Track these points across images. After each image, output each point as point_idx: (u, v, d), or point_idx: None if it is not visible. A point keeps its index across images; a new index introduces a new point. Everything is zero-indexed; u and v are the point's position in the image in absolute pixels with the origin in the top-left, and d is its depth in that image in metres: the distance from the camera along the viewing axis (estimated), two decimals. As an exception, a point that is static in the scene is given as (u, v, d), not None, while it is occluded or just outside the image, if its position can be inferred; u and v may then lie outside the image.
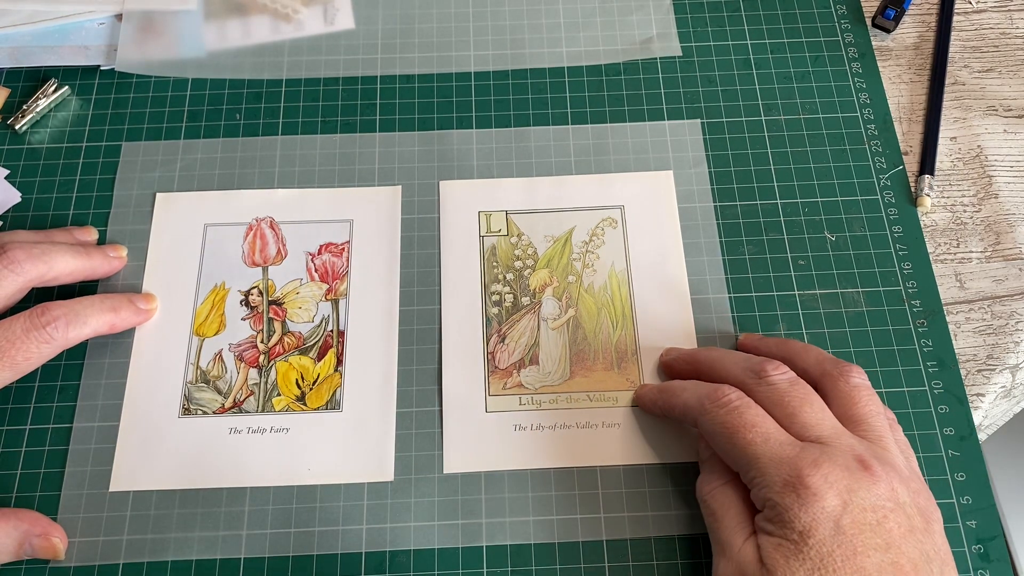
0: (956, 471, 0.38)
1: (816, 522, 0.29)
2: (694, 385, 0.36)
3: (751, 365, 0.35)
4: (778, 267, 0.42)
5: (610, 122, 0.46)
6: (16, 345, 0.35)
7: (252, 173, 0.45)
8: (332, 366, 0.40)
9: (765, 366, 0.34)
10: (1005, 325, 0.42)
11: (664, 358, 0.40)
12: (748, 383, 0.34)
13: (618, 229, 0.43)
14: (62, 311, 0.36)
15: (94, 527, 0.37)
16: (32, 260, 0.37)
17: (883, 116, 0.46)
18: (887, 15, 0.49)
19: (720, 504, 0.33)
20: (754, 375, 0.34)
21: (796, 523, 0.29)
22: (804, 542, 0.29)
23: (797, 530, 0.29)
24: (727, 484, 0.34)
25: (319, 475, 0.38)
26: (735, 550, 0.31)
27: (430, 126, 0.46)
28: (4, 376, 0.35)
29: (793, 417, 0.32)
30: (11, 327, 0.35)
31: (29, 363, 0.35)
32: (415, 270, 0.42)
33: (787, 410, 0.33)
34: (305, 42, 0.49)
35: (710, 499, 0.34)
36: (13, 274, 0.36)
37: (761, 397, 0.34)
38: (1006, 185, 0.45)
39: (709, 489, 0.34)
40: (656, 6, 0.50)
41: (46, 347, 0.35)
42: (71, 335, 0.36)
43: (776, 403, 0.33)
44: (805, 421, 0.32)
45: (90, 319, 0.37)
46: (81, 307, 0.37)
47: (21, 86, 0.47)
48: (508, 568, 0.36)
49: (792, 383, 0.34)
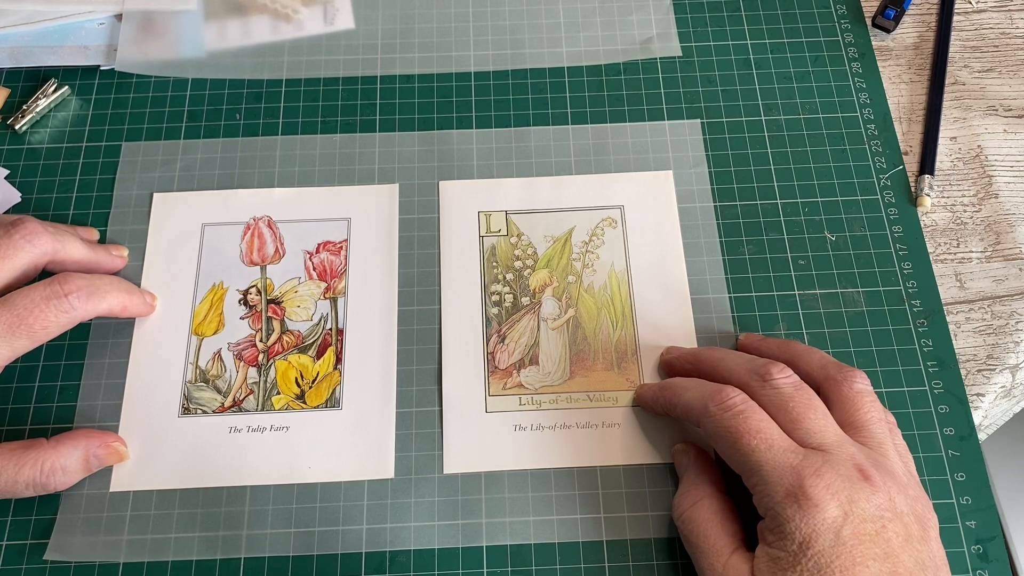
0: (956, 471, 0.38)
1: (816, 533, 0.29)
2: (697, 384, 0.35)
3: (755, 367, 0.35)
4: (778, 267, 0.42)
5: (610, 122, 0.46)
6: (34, 313, 0.34)
7: (252, 173, 0.45)
8: (331, 364, 0.40)
9: (770, 368, 0.34)
10: (1005, 325, 0.42)
11: (665, 357, 0.40)
12: (752, 385, 0.34)
13: (618, 229, 0.43)
14: (84, 282, 0.36)
15: (94, 527, 0.37)
16: (47, 235, 0.37)
17: (883, 116, 0.46)
18: (887, 15, 0.49)
19: (699, 521, 0.33)
20: (758, 377, 0.34)
21: (796, 534, 0.29)
22: (803, 553, 0.29)
23: (796, 541, 0.29)
24: (704, 500, 0.34)
25: (319, 473, 0.38)
26: (719, 566, 0.31)
27: (430, 126, 0.46)
28: (21, 344, 0.34)
29: (796, 423, 0.32)
30: (30, 294, 0.35)
31: (46, 331, 0.35)
32: (415, 270, 0.42)
33: (790, 415, 0.33)
34: (305, 42, 0.49)
35: (688, 517, 0.34)
36: (29, 244, 0.36)
37: (764, 400, 0.33)
38: (1006, 185, 0.45)
39: (688, 505, 0.34)
40: (656, 6, 0.50)
41: (65, 316, 0.35)
42: (90, 307, 0.36)
43: (780, 407, 0.33)
44: (808, 428, 0.32)
45: (108, 295, 0.37)
46: (100, 282, 0.37)
47: (21, 86, 0.47)
48: (508, 568, 0.36)
49: (796, 388, 0.34)
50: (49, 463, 0.35)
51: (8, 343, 0.34)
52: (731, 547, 0.32)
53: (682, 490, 0.35)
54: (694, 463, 0.36)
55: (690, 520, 0.34)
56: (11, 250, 0.35)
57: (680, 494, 0.35)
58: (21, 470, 0.34)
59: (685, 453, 0.37)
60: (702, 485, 0.35)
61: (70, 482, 0.36)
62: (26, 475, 0.34)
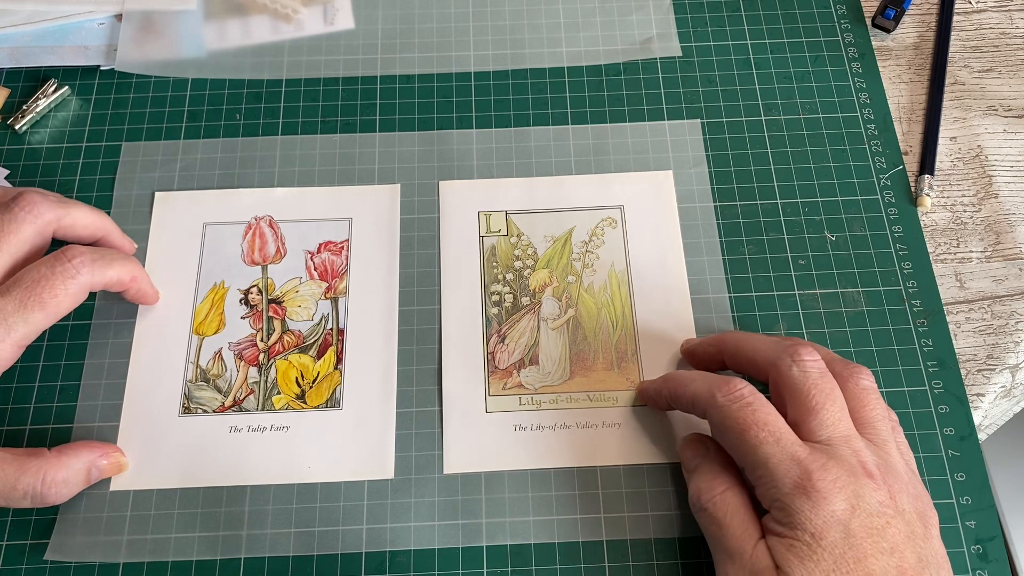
0: (956, 471, 0.38)
1: (827, 525, 0.29)
2: (703, 375, 0.35)
3: (784, 345, 0.34)
4: (778, 267, 0.42)
5: (610, 122, 0.46)
6: (42, 283, 0.34)
7: (252, 173, 0.45)
8: (332, 364, 0.40)
9: (799, 349, 0.33)
10: (1005, 325, 0.42)
11: (686, 345, 0.39)
12: (780, 363, 0.34)
13: (618, 229, 0.43)
14: (87, 250, 0.36)
15: (94, 527, 0.37)
16: (49, 203, 0.36)
17: (883, 116, 0.46)
18: (887, 15, 0.49)
19: (725, 511, 0.33)
20: (787, 356, 0.33)
21: (808, 525, 0.29)
22: (817, 543, 0.29)
23: (809, 531, 0.29)
24: (729, 490, 0.33)
25: (319, 473, 0.38)
26: (746, 556, 0.31)
27: (430, 126, 0.46)
28: (36, 319, 0.34)
29: (814, 411, 0.32)
30: (37, 267, 0.35)
31: (57, 301, 0.34)
32: (415, 270, 0.42)
33: (811, 402, 0.32)
34: (305, 42, 0.49)
35: (712, 507, 0.33)
36: (31, 215, 0.36)
37: (788, 380, 0.33)
38: (1006, 185, 0.45)
39: (710, 497, 0.33)
40: (656, 6, 0.50)
41: (73, 283, 0.35)
42: (97, 273, 0.36)
43: (802, 391, 0.33)
44: (823, 418, 0.32)
45: (114, 263, 0.37)
46: (106, 252, 0.37)
47: (21, 86, 0.47)
48: (508, 568, 0.36)
49: (822, 374, 0.33)
50: (51, 475, 0.35)
51: (23, 319, 0.34)
52: (755, 538, 0.32)
53: (704, 479, 0.34)
54: (714, 453, 0.35)
55: (717, 510, 0.33)
56: (13, 224, 0.35)
57: (703, 483, 0.34)
58: (21, 477, 0.34)
59: (701, 443, 0.36)
60: (725, 475, 0.34)
61: (70, 495, 0.36)
62: (25, 483, 0.34)
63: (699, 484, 0.34)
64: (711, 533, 0.33)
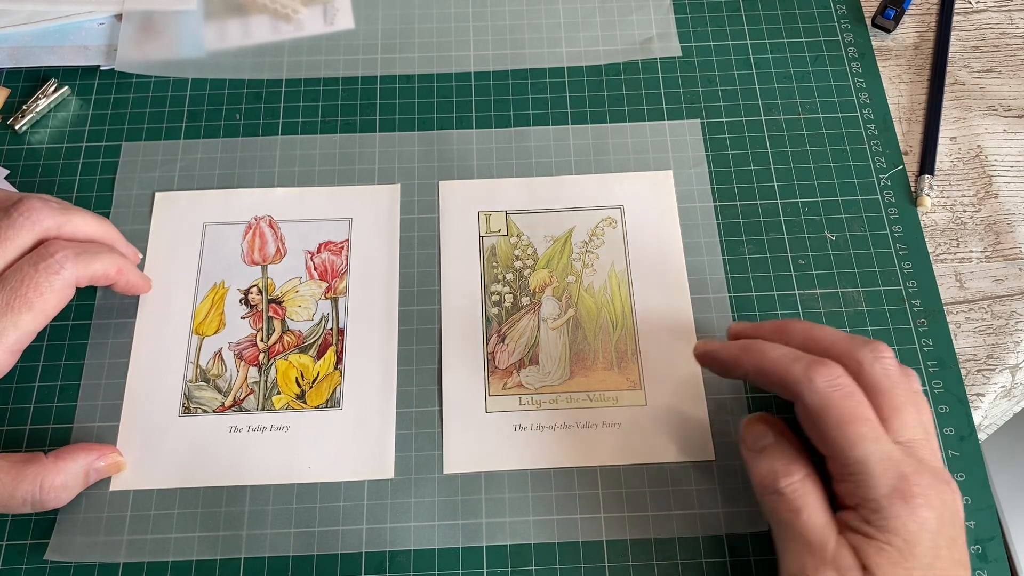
0: (956, 471, 0.38)
1: (921, 531, 0.29)
2: (792, 352, 0.33)
3: (861, 340, 0.33)
4: (778, 267, 0.42)
5: (610, 122, 0.46)
6: (26, 283, 0.34)
7: (252, 173, 0.45)
8: (332, 364, 0.40)
9: (879, 345, 0.32)
10: (1005, 325, 0.42)
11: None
12: (862, 358, 0.32)
13: (618, 229, 0.43)
14: (70, 244, 0.35)
15: (94, 527, 0.37)
16: (49, 209, 0.36)
17: (883, 116, 0.46)
18: (887, 15, 0.49)
19: (806, 499, 0.31)
20: (869, 351, 0.32)
21: (902, 530, 0.29)
22: (910, 550, 0.29)
23: (903, 537, 0.29)
24: (808, 477, 0.31)
25: (319, 473, 0.38)
26: (829, 550, 0.30)
27: (430, 126, 0.46)
28: (25, 320, 0.34)
29: (897, 412, 0.31)
30: (20, 267, 0.34)
31: (43, 299, 0.34)
32: (415, 270, 0.42)
33: (894, 402, 0.31)
34: (305, 42, 0.49)
35: (792, 492, 0.31)
36: (29, 221, 0.35)
37: (871, 376, 0.32)
38: (1006, 185, 0.45)
39: (789, 481, 0.31)
40: (656, 6, 0.50)
41: (57, 279, 0.34)
42: (80, 267, 0.35)
43: (885, 391, 0.31)
44: (905, 419, 0.31)
45: (99, 256, 0.36)
46: (90, 246, 0.36)
47: (21, 86, 0.47)
48: (508, 568, 0.36)
49: (904, 372, 0.32)
50: (49, 480, 0.34)
51: (12, 322, 0.33)
52: (835, 531, 0.30)
53: (780, 462, 0.32)
54: (786, 435, 0.33)
55: (797, 496, 0.31)
56: (11, 231, 0.34)
57: (779, 465, 0.32)
58: (19, 485, 0.34)
59: (768, 423, 0.34)
60: (802, 460, 0.32)
61: (69, 498, 0.36)
62: (24, 491, 0.34)
63: (774, 466, 0.32)
64: (784, 519, 0.31)
